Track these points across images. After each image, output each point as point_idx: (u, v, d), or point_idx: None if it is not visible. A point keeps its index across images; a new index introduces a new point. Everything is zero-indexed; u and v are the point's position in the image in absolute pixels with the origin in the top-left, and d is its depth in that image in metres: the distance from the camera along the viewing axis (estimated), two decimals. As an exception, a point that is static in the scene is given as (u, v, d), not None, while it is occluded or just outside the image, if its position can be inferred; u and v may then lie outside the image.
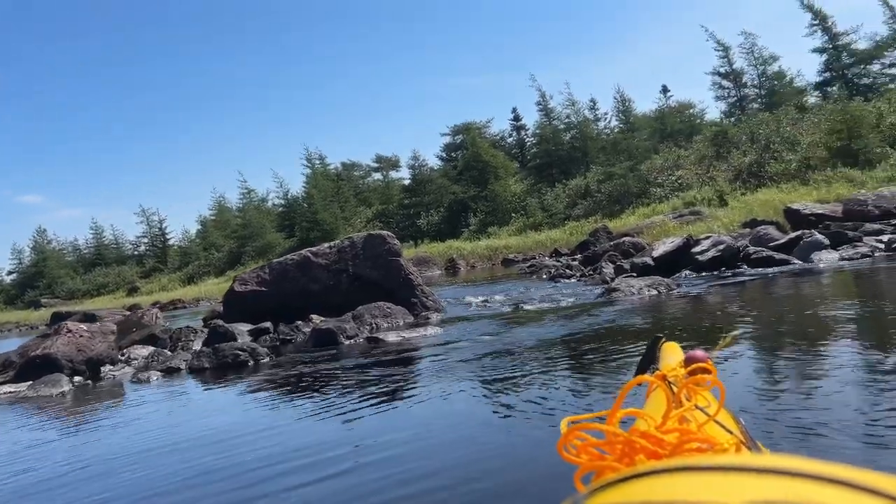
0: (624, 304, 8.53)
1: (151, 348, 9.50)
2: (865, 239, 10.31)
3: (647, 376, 1.65)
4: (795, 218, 13.01)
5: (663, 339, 2.25)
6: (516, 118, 49.50)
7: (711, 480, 0.49)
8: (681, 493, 0.48)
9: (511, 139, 50.89)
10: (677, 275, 10.77)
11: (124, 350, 9.47)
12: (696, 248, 10.86)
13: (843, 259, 9.65)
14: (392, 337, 7.81)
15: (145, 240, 60.57)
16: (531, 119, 48.57)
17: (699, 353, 1.73)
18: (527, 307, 9.48)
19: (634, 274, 11.42)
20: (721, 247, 10.60)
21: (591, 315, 7.98)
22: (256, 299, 10.21)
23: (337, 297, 9.97)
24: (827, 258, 9.82)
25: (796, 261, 10.03)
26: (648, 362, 2.17)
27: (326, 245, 11.02)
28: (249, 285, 10.34)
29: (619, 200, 33.08)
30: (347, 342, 8.11)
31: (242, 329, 9.36)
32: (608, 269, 13.16)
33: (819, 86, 40.62)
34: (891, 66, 40.70)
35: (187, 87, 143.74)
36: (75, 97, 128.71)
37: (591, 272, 14.12)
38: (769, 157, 28.79)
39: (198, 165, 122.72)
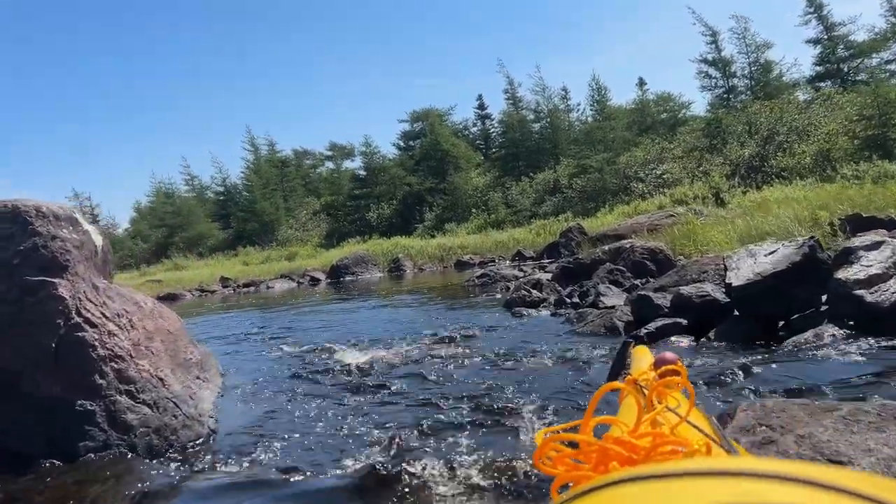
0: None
1: None
2: None
3: (617, 382, 1.56)
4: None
5: (633, 344, 2.12)
6: (481, 106, 42.63)
7: (674, 487, 0.47)
8: (639, 502, 0.47)
9: (475, 129, 43.97)
10: (803, 335, 4.13)
11: None
12: (848, 273, 4.24)
13: None
14: None
15: (77, 227, 52.16)
16: (498, 109, 41.90)
17: (669, 354, 1.65)
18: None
19: (684, 321, 4.78)
20: (927, 272, 4.02)
21: None
22: None
23: None
24: None
25: None
26: (619, 368, 2.10)
27: None
28: None
29: (593, 197, 27.18)
30: None
31: None
32: (611, 297, 6.56)
33: (812, 80, 34.52)
34: (888, 61, 34.74)
35: (140, 70, 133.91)
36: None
37: (575, 298, 7.50)
38: (774, 149, 22.86)
39: (140, 150, 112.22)
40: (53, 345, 3.30)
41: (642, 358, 1.95)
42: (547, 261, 16.27)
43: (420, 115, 40.88)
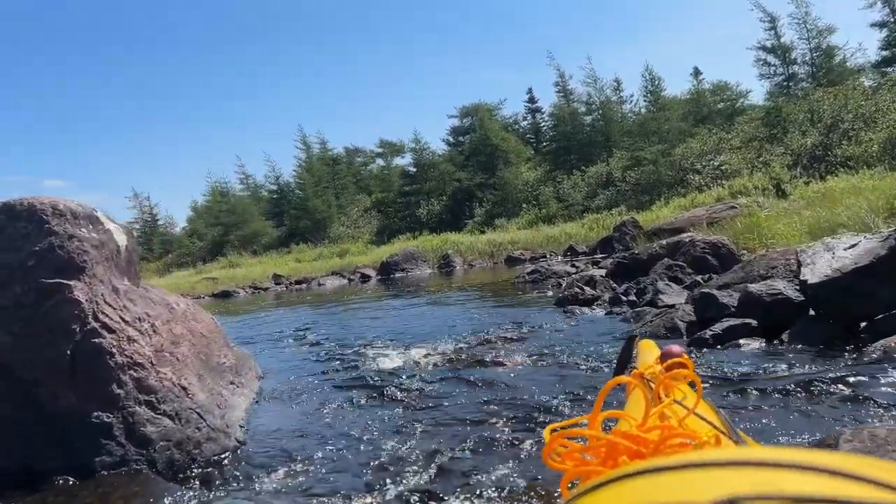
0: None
1: None
2: None
3: (624, 377, 1.48)
4: None
5: (638, 338, 2.12)
6: (531, 100, 41.99)
7: (686, 479, 0.46)
8: (650, 495, 0.47)
9: (526, 122, 43.36)
10: (892, 339, 3.65)
11: None
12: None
13: None
14: None
15: (137, 226, 53.42)
16: (548, 102, 41.11)
17: (675, 347, 1.63)
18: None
19: (753, 322, 4.34)
20: None
21: None
22: None
23: None
24: None
25: None
26: (625, 362, 2.03)
27: None
28: None
29: (648, 190, 26.33)
30: None
31: None
32: (671, 295, 6.12)
33: (878, 65, 32.63)
34: (961, 44, 32.63)
35: (195, 74, 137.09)
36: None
37: (632, 296, 7.08)
38: (838, 137, 21.70)
39: (198, 151, 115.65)
40: (69, 352, 3.08)
41: (648, 351, 1.93)
42: (600, 256, 15.73)
43: (469, 110, 40.44)
